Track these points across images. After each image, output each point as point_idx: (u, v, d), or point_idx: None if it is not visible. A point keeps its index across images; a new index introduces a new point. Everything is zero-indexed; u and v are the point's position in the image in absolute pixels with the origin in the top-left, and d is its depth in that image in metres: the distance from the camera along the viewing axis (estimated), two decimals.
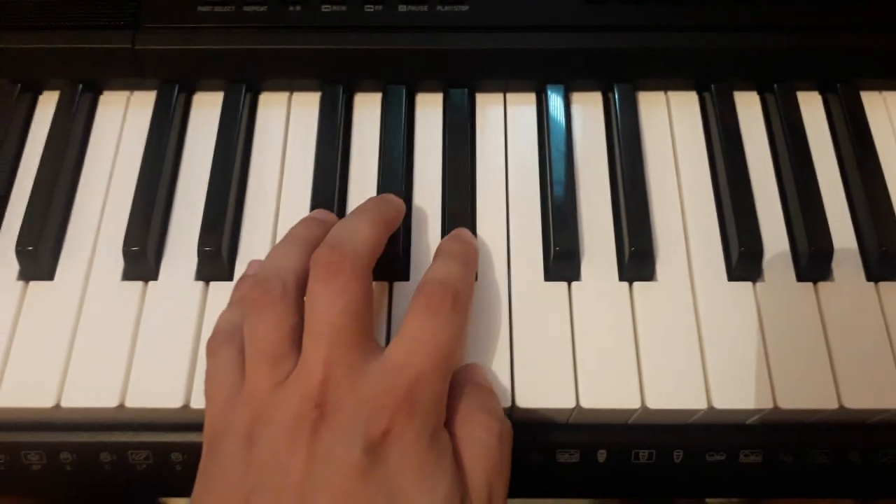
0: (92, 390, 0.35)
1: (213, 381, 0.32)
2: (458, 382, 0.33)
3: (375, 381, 0.29)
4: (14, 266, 0.37)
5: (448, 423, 0.31)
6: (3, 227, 0.39)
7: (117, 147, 0.41)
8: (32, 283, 0.37)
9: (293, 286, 0.32)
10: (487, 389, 0.33)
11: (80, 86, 0.42)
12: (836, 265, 0.37)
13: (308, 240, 0.33)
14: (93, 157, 0.41)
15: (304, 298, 0.31)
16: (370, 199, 0.35)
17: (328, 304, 0.30)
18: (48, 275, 0.37)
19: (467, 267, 0.34)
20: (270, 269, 0.32)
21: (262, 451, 0.29)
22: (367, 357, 0.30)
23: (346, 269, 0.30)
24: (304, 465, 0.28)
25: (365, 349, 0.30)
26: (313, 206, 0.38)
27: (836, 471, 0.36)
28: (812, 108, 0.42)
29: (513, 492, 0.37)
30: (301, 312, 0.31)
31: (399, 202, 0.36)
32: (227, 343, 0.32)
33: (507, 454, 0.32)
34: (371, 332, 0.31)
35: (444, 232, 0.38)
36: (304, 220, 0.35)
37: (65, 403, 0.34)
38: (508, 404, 0.34)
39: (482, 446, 0.31)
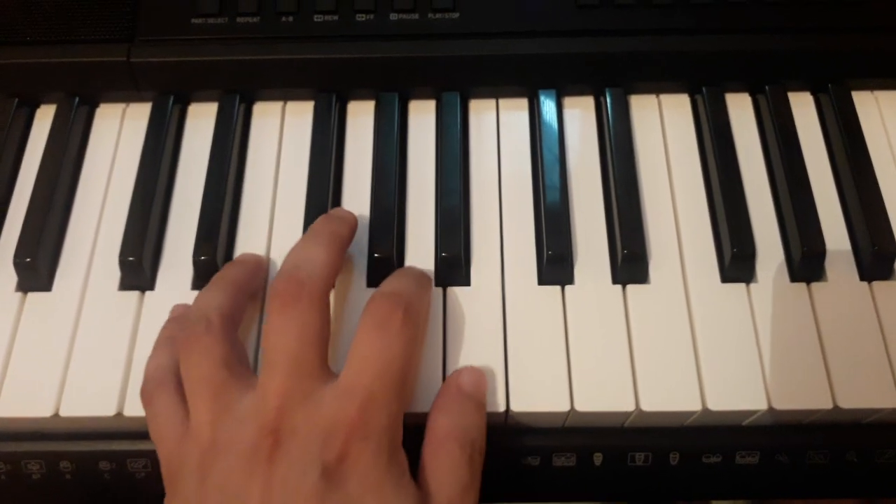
0: (90, 399, 0.35)
1: (156, 426, 0.32)
2: (443, 391, 0.33)
3: (329, 406, 0.29)
4: (12, 277, 0.38)
5: (424, 441, 0.31)
6: (1, 239, 0.39)
7: (113, 159, 0.41)
8: (31, 294, 0.38)
9: (217, 321, 0.32)
10: (470, 399, 0.33)
11: (77, 99, 0.42)
12: (829, 265, 0.37)
13: (230, 280, 0.34)
14: (89, 169, 0.41)
15: (263, 328, 0.32)
16: (321, 220, 0.35)
17: (284, 334, 0.30)
18: (46, 286, 0.38)
19: (420, 282, 0.34)
20: (194, 310, 0.33)
21: (217, 481, 0.29)
22: (323, 382, 0.30)
23: (302, 298, 0.30)
24: (261, 493, 0.28)
25: (320, 376, 0.30)
26: (308, 214, 0.39)
27: (833, 471, 0.36)
28: (804, 108, 0.42)
29: (509, 496, 0.37)
30: (231, 343, 0.32)
31: (350, 216, 0.36)
32: (160, 387, 0.32)
33: (476, 473, 0.32)
34: (326, 358, 0.31)
35: (438, 238, 0.38)
36: (230, 264, 0.37)
37: (63, 413, 0.35)
38: (503, 408, 0.34)
39: (452, 467, 0.31)
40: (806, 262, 0.37)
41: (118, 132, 0.42)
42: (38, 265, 0.37)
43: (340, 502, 0.28)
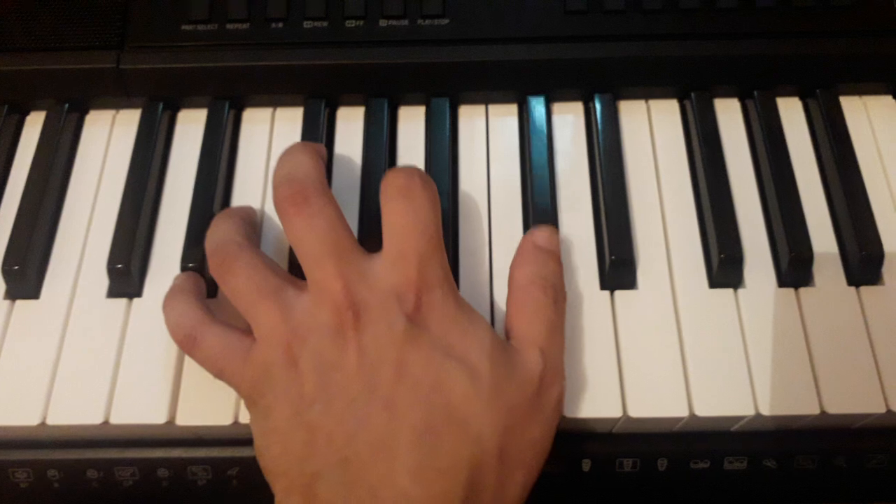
0: (77, 408, 0.35)
1: (216, 359, 0.32)
2: (519, 249, 0.35)
3: (387, 274, 0.31)
4: (0, 285, 0.38)
5: (508, 293, 0.34)
6: None
7: (103, 165, 0.41)
8: (18, 302, 0.37)
9: (246, 239, 0.34)
10: (547, 252, 0.35)
11: (67, 105, 0.42)
12: (817, 270, 0.37)
13: (233, 212, 0.36)
14: (79, 176, 0.41)
15: (287, 236, 0.33)
16: (290, 147, 0.35)
17: (313, 230, 0.31)
18: (34, 293, 0.38)
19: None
20: (214, 241, 0.34)
21: (310, 363, 0.30)
22: (368, 260, 0.32)
23: (311, 194, 0.32)
24: (356, 356, 0.30)
25: (363, 255, 0.32)
26: None
27: (821, 476, 0.36)
28: (792, 113, 0.42)
29: None
30: (264, 254, 0.33)
31: (319, 144, 0.38)
32: (199, 327, 0.33)
33: (561, 315, 0.34)
34: (356, 241, 0.33)
35: None
36: (224, 210, 0.37)
37: (50, 421, 0.34)
38: None
39: (538, 309, 0.33)
40: (794, 268, 0.37)
41: (108, 139, 0.42)
42: (26, 273, 0.37)
43: (430, 339, 0.30)
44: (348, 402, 0.29)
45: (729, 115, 0.42)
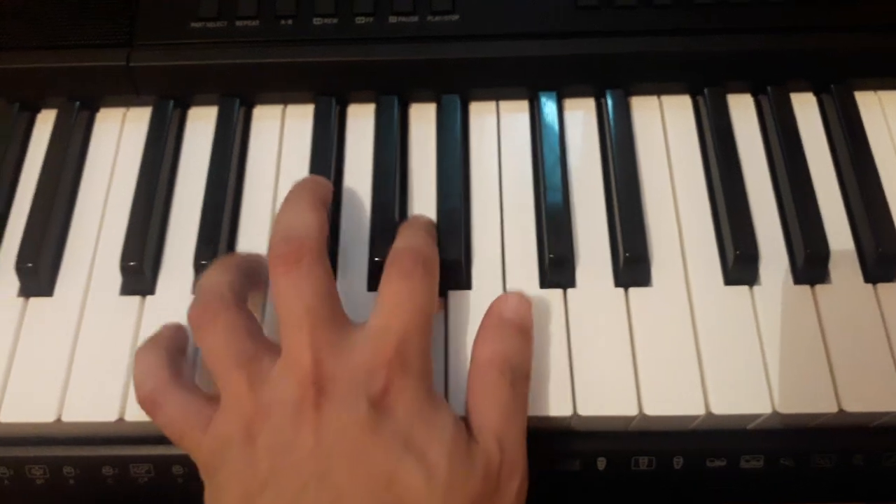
0: (92, 404, 0.35)
1: (174, 426, 0.31)
2: (484, 319, 0.34)
3: (363, 348, 0.30)
4: (14, 283, 0.38)
5: (470, 364, 0.33)
6: (3, 245, 0.39)
7: (114, 163, 0.41)
8: (32, 300, 0.38)
9: (231, 296, 0.32)
10: (511, 325, 0.33)
11: (77, 103, 0.42)
12: (834, 267, 0.37)
13: (232, 262, 0.34)
14: (90, 174, 0.41)
15: (272, 295, 0.32)
16: (297, 185, 0.35)
17: (297, 293, 0.31)
18: (48, 291, 0.38)
19: (431, 237, 0.36)
20: (203, 291, 0.33)
21: (266, 442, 0.29)
22: (348, 331, 0.31)
23: (304, 256, 0.31)
24: (313, 437, 0.28)
25: (343, 325, 0.31)
26: None
27: (838, 475, 0.36)
28: (806, 109, 0.41)
29: None
30: (249, 314, 0.32)
31: (324, 180, 0.37)
32: (161, 389, 0.32)
33: (520, 398, 0.32)
34: (342, 309, 0.32)
35: (441, 238, 0.38)
36: (227, 256, 0.37)
37: (66, 418, 0.35)
38: None
39: (494, 393, 0.31)
40: (809, 265, 0.36)
41: (118, 136, 0.42)
42: (39, 270, 0.37)
43: (391, 428, 0.29)
44: (300, 488, 0.28)
45: (742, 111, 0.42)
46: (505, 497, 0.30)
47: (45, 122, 0.43)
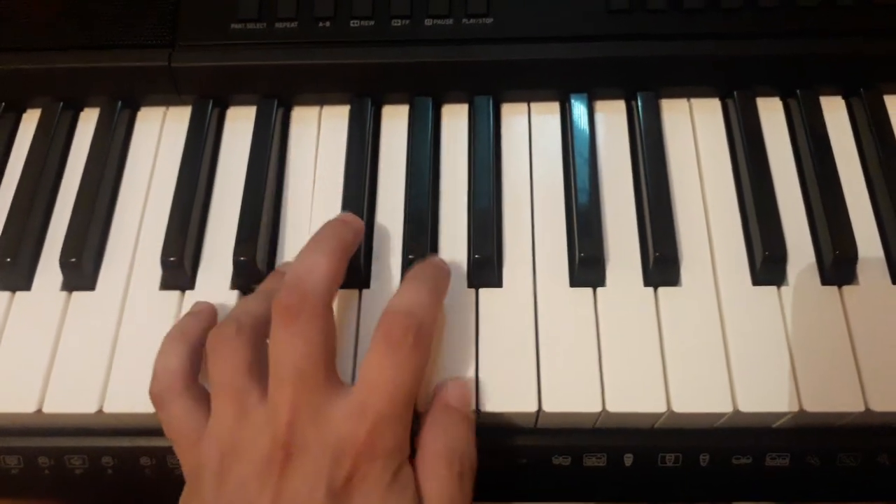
0: (132, 396, 0.36)
1: (173, 427, 0.33)
2: (433, 406, 0.34)
3: (338, 425, 0.30)
4: (58, 276, 0.39)
5: (417, 455, 0.32)
6: (47, 239, 0.40)
7: (154, 161, 0.42)
8: (75, 293, 0.39)
9: (248, 326, 0.33)
10: (456, 413, 0.33)
11: (119, 102, 0.43)
12: (861, 269, 0.37)
13: (271, 292, 0.34)
14: (131, 171, 0.42)
15: (268, 342, 0.32)
16: (327, 226, 0.35)
17: (290, 349, 0.31)
18: (90, 285, 0.39)
19: (434, 294, 0.34)
20: (232, 313, 0.34)
21: (232, 487, 0.30)
22: (331, 396, 0.31)
23: (305, 311, 0.31)
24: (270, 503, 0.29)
25: (328, 389, 0.31)
26: None
27: (863, 474, 0.36)
28: (835, 112, 0.42)
29: (539, 495, 0.38)
30: (257, 350, 0.32)
31: (357, 222, 0.36)
32: (171, 392, 0.33)
33: (467, 487, 0.32)
34: (334, 368, 0.32)
35: (470, 240, 0.39)
36: (271, 275, 0.38)
37: (107, 409, 0.36)
38: (535, 408, 0.35)
39: (442, 487, 0.31)
40: (837, 266, 0.37)
41: (159, 135, 0.43)
42: (82, 265, 0.38)
43: None
44: None
45: (771, 114, 0.42)
46: None
47: (87, 121, 0.44)
